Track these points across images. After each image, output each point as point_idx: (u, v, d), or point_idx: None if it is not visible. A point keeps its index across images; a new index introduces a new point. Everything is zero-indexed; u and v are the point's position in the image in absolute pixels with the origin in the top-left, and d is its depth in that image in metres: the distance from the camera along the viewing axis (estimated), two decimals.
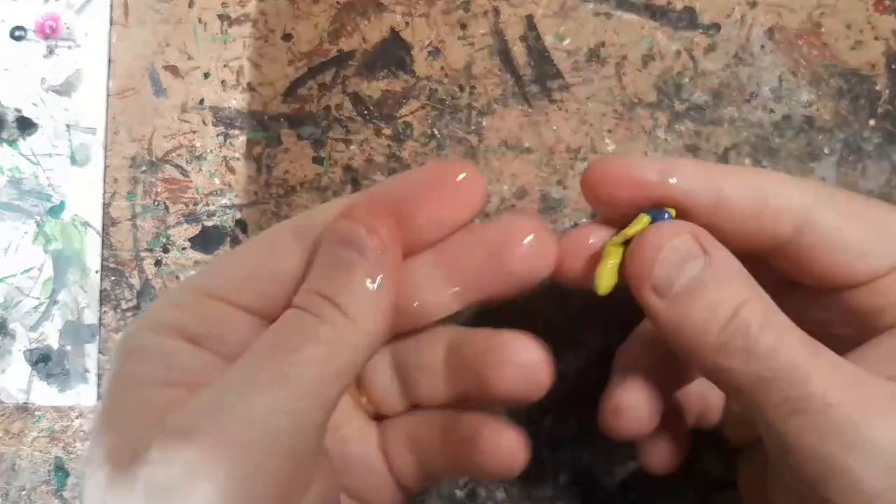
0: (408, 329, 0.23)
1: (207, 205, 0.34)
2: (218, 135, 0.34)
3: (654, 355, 0.25)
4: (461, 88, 0.34)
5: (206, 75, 0.34)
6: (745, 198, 0.21)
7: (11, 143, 0.34)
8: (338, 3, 0.35)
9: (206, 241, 0.34)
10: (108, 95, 0.34)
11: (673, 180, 0.21)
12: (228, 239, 0.34)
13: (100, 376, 0.34)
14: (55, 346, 0.34)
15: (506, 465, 0.22)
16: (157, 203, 0.34)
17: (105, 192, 0.34)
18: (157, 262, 0.34)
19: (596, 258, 0.22)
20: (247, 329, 0.22)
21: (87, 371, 0.34)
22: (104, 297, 0.34)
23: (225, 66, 0.34)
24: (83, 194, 0.34)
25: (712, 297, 0.20)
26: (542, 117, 0.34)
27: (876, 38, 0.34)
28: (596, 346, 0.32)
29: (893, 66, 0.34)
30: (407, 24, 0.34)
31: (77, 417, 0.34)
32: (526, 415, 0.32)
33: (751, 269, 0.21)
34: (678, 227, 0.21)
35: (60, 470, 0.34)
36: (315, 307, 0.20)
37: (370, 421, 0.25)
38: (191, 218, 0.34)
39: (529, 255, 0.22)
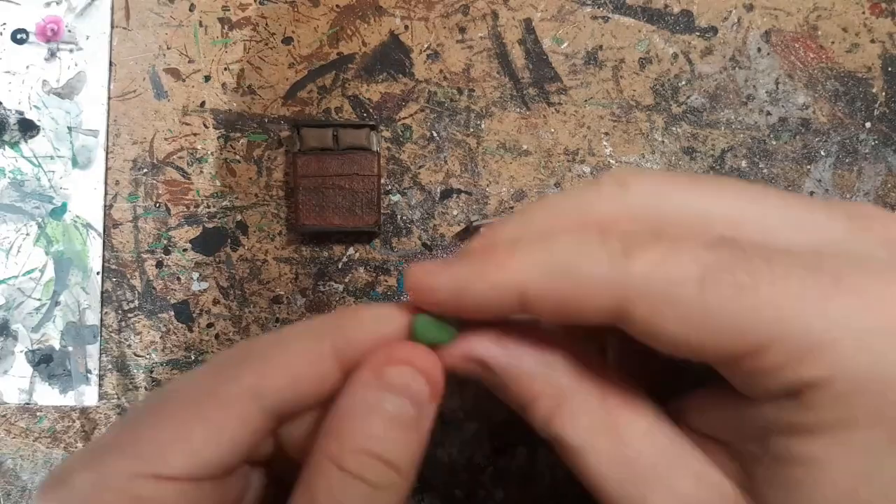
0: None
1: (208, 206, 0.34)
2: (219, 137, 0.34)
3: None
4: (460, 91, 0.34)
5: (207, 78, 0.34)
6: (550, 297, 0.19)
7: (13, 145, 0.35)
8: (337, 6, 0.35)
9: (207, 242, 0.34)
10: (109, 98, 0.35)
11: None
12: (229, 240, 0.34)
13: (101, 377, 0.34)
14: (57, 346, 0.34)
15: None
16: (158, 205, 0.34)
17: (106, 193, 0.34)
18: (159, 264, 0.34)
19: None
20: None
21: (88, 372, 0.34)
22: (106, 299, 0.34)
23: (226, 68, 0.35)
24: (85, 196, 0.34)
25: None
26: (540, 120, 0.34)
27: (872, 41, 0.34)
28: (595, 348, 0.33)
29: (890, 69, 0.34)
30: (406, 27, 0.35)
31: (78, 418, 0.34)
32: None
33: None
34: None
35: None
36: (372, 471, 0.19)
37: None
38: (192, 220, 0.34)
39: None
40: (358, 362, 0.20)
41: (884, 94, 0.34)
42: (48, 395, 0.34)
